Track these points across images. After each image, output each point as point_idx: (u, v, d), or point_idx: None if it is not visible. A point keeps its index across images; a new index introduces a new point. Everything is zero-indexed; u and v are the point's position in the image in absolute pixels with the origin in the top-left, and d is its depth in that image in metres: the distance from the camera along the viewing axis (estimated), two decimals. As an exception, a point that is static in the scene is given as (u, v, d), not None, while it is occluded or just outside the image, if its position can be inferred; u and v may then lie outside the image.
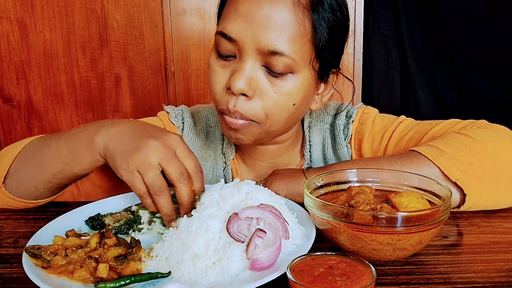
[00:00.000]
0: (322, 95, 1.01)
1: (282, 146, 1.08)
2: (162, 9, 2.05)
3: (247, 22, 0.87)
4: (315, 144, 1.11)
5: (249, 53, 0.88)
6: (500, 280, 0.66)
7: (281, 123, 0.95)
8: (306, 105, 0.98)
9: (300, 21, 0.87)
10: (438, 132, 1.00)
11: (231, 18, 0.89)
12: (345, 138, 1.10)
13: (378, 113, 1.12)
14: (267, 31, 0.86)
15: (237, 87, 0.88)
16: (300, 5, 0.87)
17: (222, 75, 0.92)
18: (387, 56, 2.26)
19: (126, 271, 0.67)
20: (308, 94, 0.95)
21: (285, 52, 0.86)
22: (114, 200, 0.92)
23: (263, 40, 0.86)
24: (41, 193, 0.94)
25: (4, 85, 2.12)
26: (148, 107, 2.16)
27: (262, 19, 0.86)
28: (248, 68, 0.88)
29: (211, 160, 1.13)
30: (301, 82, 0.91)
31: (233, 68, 0.90)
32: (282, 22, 0.86)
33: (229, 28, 0.88)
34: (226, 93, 0.91)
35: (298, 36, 0.87)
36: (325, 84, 1.00)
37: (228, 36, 0.89)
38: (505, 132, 0.96)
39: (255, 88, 0.89)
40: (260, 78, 0.89)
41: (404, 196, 0.75)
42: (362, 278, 0.56)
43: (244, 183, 0.76)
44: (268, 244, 0.66)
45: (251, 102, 0.90)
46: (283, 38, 0.86)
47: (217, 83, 0.92)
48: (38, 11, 2.04)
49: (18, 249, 0.79)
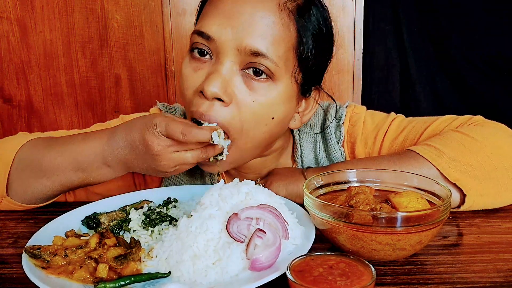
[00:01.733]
0: (303, 113, 0.96)
1: (267, 159, 1.02)
2: (162, 9, 2.05)
3: (228, 20, 0.81)
4: (306, 149, 1.07)
5: (228, 54, 0.82)
6: (499, 280, 0.66)
7: (257, 140, 0.88)
8: (285, 122, 0.93)
9: (285, 25, 0.83)
10: (435, 130, 0.98)
11: (210, 16, 0.83)
12: (337, 141, 1.06)
13: (367, 111, 1.09)
14: (250, 30, 0.81)
15: (211, 90, 0.80)
16: (286, 9, 0.83)
17: (195, 78, 0.85)
18: (387, 56, 2.26)
19: (126, 271, 0.67)
20: (288, 108, 0.89)
21: (267, 54, 0.81)
22: (114, 200, 0.92)
23: (245, 40, 0.81)
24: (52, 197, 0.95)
25: (4, 85, 2.12)
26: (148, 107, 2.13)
27: (245, 18, 0.81)
28: (226, 71, 0.82)
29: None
30: (281, 93, 0.85)
31: (208, 70, 0.84)
32: (266, 23, 0.82)
33: (208, 27, 0.83)
34: (199, 97, 0.84)
35: (282, 39, 0.83)
36: (306, 101, 0.95)
37: (206, 35, 0.82)
38: (502, 129, 0.96)
39: (231, 93, 0.82)
40: (238, 83, 0.83)
41: (403, 196, 0.75)
42: (362, 278, 0.56)
43: (243, 183, 0.76)
44: (268, 244, 0.66)
45: (226, 109, 0.83)
46: (266, 39, 0.81)
47: (189, 88, 0.86)
48: (38, 11, 2.04)
49: (17, 249, 0.79)
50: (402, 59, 2.25)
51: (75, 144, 0.89)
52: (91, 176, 0.89)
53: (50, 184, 0.90)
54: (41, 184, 0.90)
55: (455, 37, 2.17)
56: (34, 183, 0.90)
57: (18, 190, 0.91)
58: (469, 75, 2.21)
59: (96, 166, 0.87)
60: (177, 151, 0.81)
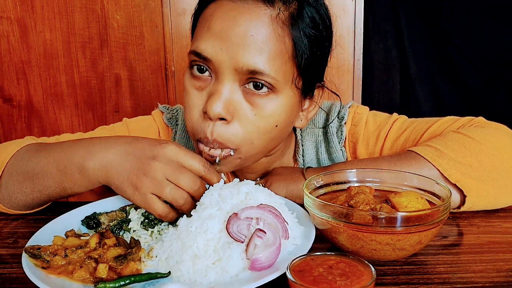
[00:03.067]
0: (308, 111, 0.96)
1: (270, 158, 1.03)
2: (162, 9, 2.05)
3: (222, 41, 0.81)
4: (308, 149, 1.07)
5: (226, 74, 0.82)
6: (499, 280, 0.66)
7: (262, 146, 0.89)
8: (290, 124, 0.93)
9: (280, 38, 0.82)
10: (436, 131, 0.99)
11: (204, 36, 0.83)
12: (339, 141, 1.06)
13: (369, 112, 1.09)
14: (245, 49, 0.80)
15: (214, 111, 0.81)
16: (279, 21, 0.82)
17: (198, 98, 0.86)
18: (387, 56, 2.26)
19: (126, 271, 0.67)
20: (291, 114, 0.90)
21: (265, 71, 0.81)
22: (114, 200, 0.92)
23: (241, 60, 0.80)
24: (33, 206, 0.92)
25: (4, 85, 2.12)
26: (148, 107, 2.16)
27: (239, 37, 0.80)
28: (226, 90, 0.82)
29: None
30: (283, 103, 0.86)
31: (209, 90, 0.85)
32: (261, 40, 0.80)
33: (203, 47, 0.82)
34: (204, 118, 0.85)
35: (278, 54, 0.82)
36: (310, 100, 0.95)
37: (202, 56, 0.83)
38: (503, 130, 0.96)
39: (233, 112, 0.83)
40: (239, 100, 0.83)
41: (403, 196, 0.75)
42: (362, 278, 0.56)
43: (243, 183, 0.76)
44: (268, 244, 0.66)
45: (229, 127, 0.84)
46: (262, 57, 0.80)
47: (194, 107, 0.87)
48: (38, 11, 2.04)
49: (17, 249, 0.79)
50: (402, 59, 2.26)
51: (62, 147, 0.87)
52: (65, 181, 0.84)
53: (29, 191, 0.88)
54: (21, 189, 0.88)
55: (455, 37, 2.17)
56: (17, 188, 0.89)
57: (5, 195, 0.90)
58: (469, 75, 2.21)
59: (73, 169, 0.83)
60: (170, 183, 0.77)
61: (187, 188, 0.77)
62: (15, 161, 0.90)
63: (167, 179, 0.76)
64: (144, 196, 0.77)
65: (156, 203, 0.77)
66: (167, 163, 0.77)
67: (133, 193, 0.78)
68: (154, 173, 0.76)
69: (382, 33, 2.24)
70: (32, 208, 0.93)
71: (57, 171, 0.84)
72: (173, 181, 0.76)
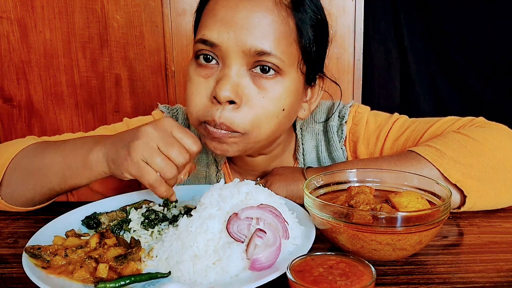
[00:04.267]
0: (310, 102, 0.99)
1: (271, 156, 1.05)
2: (162, 9, 2.05)
3: (228, 26, 0.83)
4: (308, 147, 1.08)
5: (234, 57, 0.84)
6: (500, 280, 0.66)
7: (269, 131, 0.90)
8: (295, 111, 0.95)
9: (284, 21, 0.85)
10: (436, 131, 0.99)
11: (210, 24, 0.85)
12: (339, 140, 1.07)
13: (370, 112, 1.10)
14: (251, 32, 0.83)
15: (224, 95, 0.83)
16: (282, 5, 0.85)
17: (205, 85, 0.88)
18: (387, 56, 2.26)
19: (126, 271, 0.67)
20: (296, 100, 0.92)
21: (272, 52, 0.84)
22: (114, 200, 0.93)
23: (248, 42, 0.83)
24: (37, 201, 0.94)
25: (4, 85, 2.12)
26: (148, 107, 2.16)
27: (244, 21, 0.83)
28: (234, 74, 0.85)
29: (203, 165, 1.11)
30: (289, 86, 0.88)
31: (217, 76, 0.87)
32: (266, 22, 0.83)
33: (210, 34, 0.85)
34: (212, 103, 0.87)
35: (283, 36, 0.85)
36: (312, 90, 0.98)
37: (209, 42, 0.85)
38: (504, 131, 0.96)
39: (241, 94, 0.85)
40: (247, 84, 0.86)
41: (404, 196, 0.75)
42: (362, 278, 0.56)
43: (243, 183, 0.76)
44: (268, 244, 0.66)
45: (238, 111, 0.86)
46: (268, 38, 0.84)
47: (200, 93, 0.88)
48: (38, 11, 2.04)
49: (18, 249, 0.79)
50: (402, 59, 2.26)
51: (70, 142, 0.90)
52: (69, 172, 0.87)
53: (32, 185, 0.90)
54: (24, 183, 0.90)
55: (455, 37, 2.17)
56: (20, 182, 0.90)
57: (7, 191, 0.92)
58: (469, 75, 2.21)
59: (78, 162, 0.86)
60: (161, 154, 0.78)
61: (176, 161, 0.78)
62: (20, 158, 0.92)
63: (158, 148, 0.77)
64: (137, 164, 0.77)
65: (149, 171, 0.78)
66: (160, 132, 0.78)
67: (124, 163, 0.78)
68: (146, 138, 0.77)
69: (382, 33, 2.24)
70: (34, 205, 0.94)
71: (62, 165, 0.86)
72: (164, 152, 0.77)
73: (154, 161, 0.77)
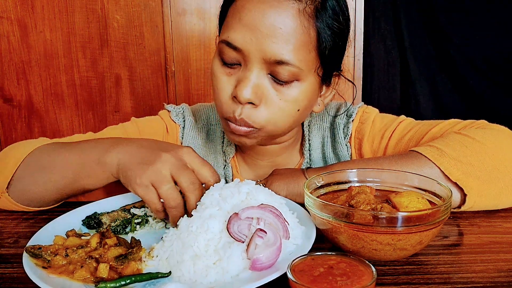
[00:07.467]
0: (324, 96, 1.02)
1: (282, 146, 1.09)
2: (162, 9, 2.05)
3: (252, 32, 0.86)
4: (315, 144, 1.12)
5: (255, 62, 0.88)
6: (500, 280, 0.66)
7: (285, 127, 0.96)
8: (310, 108, 1.00)
9: (305, 30, 0.87)
10: (438, 132, 1.00)
11: (235, 27, 0.88)
12: (344, 137, 1.11)
13: (378, 113, 1.13)
14: (273, 40, 0.85)
15: (244, 97, 0.88)
16: (305, 14, 0.87)
17: (228, 83, 0.92)
18: (387, 56, 2.26)
19: (127, 271, 0.67)
20: (312, 99, 0.96)
21: (290, 61, 0.86)
22: (115, 200, 0.93)
23: (269, 50, 0.86)
24: (45, 202, 0.93)
25: (4, 85, 2.12)
26: (148, 107, 2.16)
27: (268, 29, 0.85)
28: (254, 77, 0.89)
29: (212, 159, 1.14)
30: (306, 89, 0.92)
31: (238, 76, 0.91)
32: (288, 32, 0.86)
33: (234, 37, 0.88)
34: (233, 101, 0.92)
35: (303, 45, 0.87)
36: (327, 87, 1.01)
37: (233, 46, 0.88)
38: (505, 132, 0.96)
39: (261, 96, 0.90)
40: (266, 86, 0.90)
41: (404, 196, 0.75)
42: (363, 278, 0.56)
43: (244, 183, 0.76)
44: (269, 244, 0.66)
45: (256, 110, 0.91)
46: (288, 48, 0.86)
47: (223, 90, 0.93)
48: (38, 11, 2.04)
49: (18, 249, 0.79)
50: (402, 59, 2.26)
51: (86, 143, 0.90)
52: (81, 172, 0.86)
53: (43, 181, 0.90)
54: (35, 180, 0.90)
55: (455, 37, 2.18)
56: (31, 179, 0.90)
57: (18, 187, 0.92)
58: (469, 75, 2.21)
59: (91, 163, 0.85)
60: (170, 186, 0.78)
61: (184, 185, 0.77)
62: (33, 156, 0.92)
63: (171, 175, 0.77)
64: (146, 187, 0.77)
65: (153, 197, 0.78)
66: (175, 158, 0.79)
67: (135, 181, 0.78)
68: (161, 164, 0.78)
69: (382, 33, 2.24)
70: (41, 205, 0.94)
71: (76, 164, 0.87)
72: (174, 176, 0.77)
73: (160, 188, 0.77)
